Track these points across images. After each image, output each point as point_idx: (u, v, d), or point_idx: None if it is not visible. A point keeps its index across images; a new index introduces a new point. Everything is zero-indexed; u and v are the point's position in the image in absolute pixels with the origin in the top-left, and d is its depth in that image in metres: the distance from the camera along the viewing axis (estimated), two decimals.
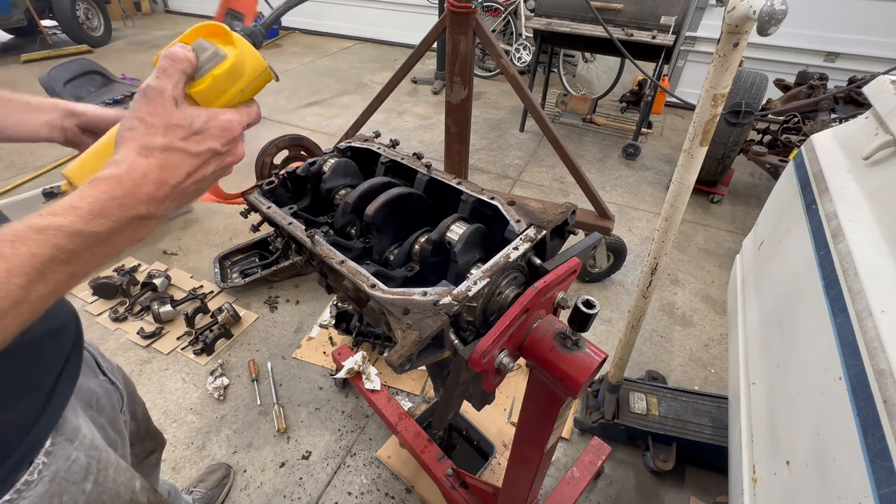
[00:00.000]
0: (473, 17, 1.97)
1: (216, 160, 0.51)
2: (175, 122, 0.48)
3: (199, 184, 0.51)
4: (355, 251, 0.85)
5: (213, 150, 0.50)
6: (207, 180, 0.52)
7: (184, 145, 0.48)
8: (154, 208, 0.46)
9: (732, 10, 0.84)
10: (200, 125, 0.49)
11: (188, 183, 0.49)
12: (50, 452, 0.55)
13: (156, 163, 0.46)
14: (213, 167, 0.51)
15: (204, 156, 0.50)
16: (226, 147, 0.52)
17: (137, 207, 0.45)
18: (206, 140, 0.50)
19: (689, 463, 1.72)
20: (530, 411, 0.84)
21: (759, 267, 1.36)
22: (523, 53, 5.12)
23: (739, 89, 2.87)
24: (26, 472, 0.52)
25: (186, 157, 0.48)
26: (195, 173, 0.49)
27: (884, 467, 0.60)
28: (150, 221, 0.47)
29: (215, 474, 1.61)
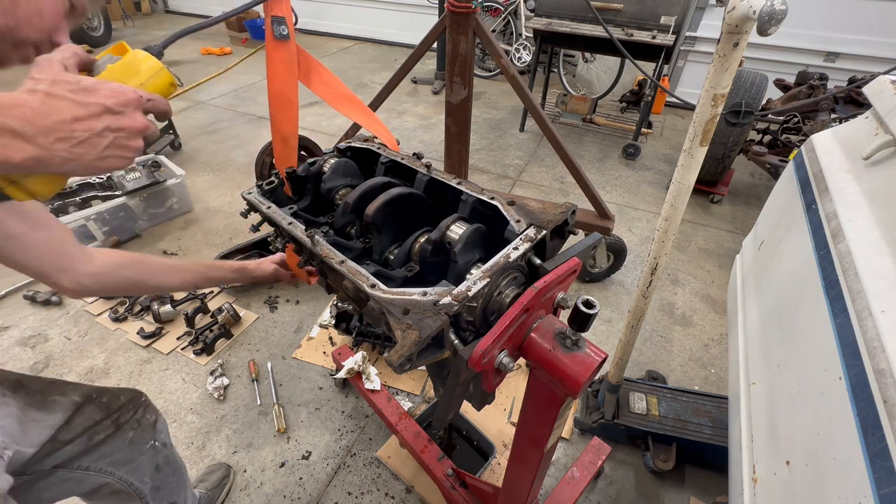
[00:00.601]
0: (473, 17, 1.97)
1: (109, 116, 0.53)
2: (62, 78, 0.52)
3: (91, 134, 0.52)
4: (355, 251, 0.85)
5: (104, 105, 0.53)
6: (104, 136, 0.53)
7: (70, 95, 0.51)
8: (31, 131, 0.48)
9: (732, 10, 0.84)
10: (89, 84, 0.53)
11: (78, 128, 0.51)
12: None
13: (38, 99, 0.49)
14: (105, 122, 0.53)
15: (93, 108, 0.52)
16: (119, 107, 0.54)
17: (10, 119, 0.47)
18: (94, 95, 0.52)
19: (689, 463, 1.72)
20: (530, 411, 0.84)
21: (759, 267, 1.36)
22: (523, 53, 5.12)
23: (739, 89, 2.87)
24: None
25: (73, 105, 0.51)
26: (84, 120, 0.51)
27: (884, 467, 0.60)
28: (25, 143, 0.48)
29: (215, 474, 1.62)
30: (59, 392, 0.93)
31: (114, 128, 0.54)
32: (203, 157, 3.73)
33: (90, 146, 0.53)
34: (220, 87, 5.04)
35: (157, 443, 1.13)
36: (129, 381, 1.98)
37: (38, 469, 0.88)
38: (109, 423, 1.00)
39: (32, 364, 2.01)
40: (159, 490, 1.15)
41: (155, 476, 1.13)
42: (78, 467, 0.94)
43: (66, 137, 0.51)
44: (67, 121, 0.50)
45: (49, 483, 0.90)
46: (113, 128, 0.54)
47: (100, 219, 2.58)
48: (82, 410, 0.94)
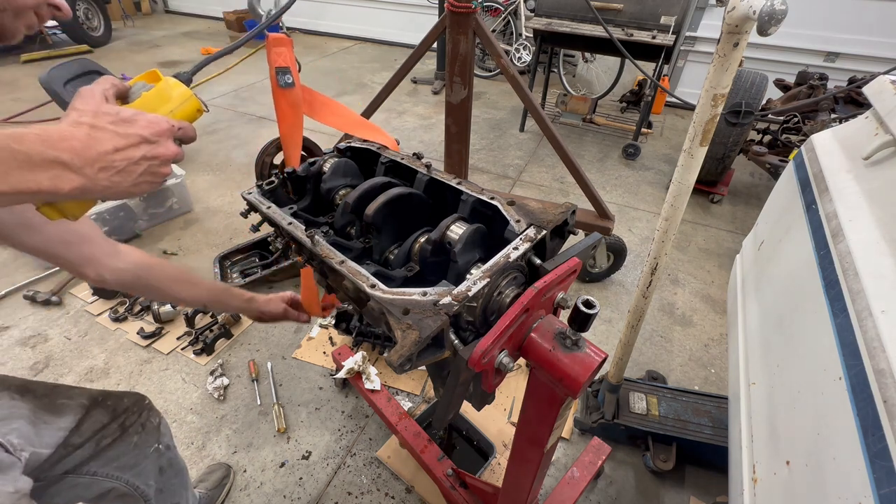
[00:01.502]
0: (473, 17, 1.97)
1: (146, 146, 0.58)
2: (103, 110, 0.56)
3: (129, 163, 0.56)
4: (355, 251, 0.85)
5: (142, 136, 0.57)
6: (140, 164, 0.58)
7: (112, 127, 0.55)
8: (79, 162, 0.52)
9: (732, 10, 0.84)
10: (128, 116, 0.57)
11: (117, 157, 0.55)
12: None
13: (83, 132, 0.54)
14: (142, 151, 0.57)
15: (132, 138, 0.56)
16: (154, 137, 0.59)
17: (60, 152, 0.50)
18: (133, 126, 0.57)
19: (689, 463, 1.72)
20: (530, 411, 0.84)
21: (759, 267, 1.36)
22: (523, 53, 5.12)
23: (739, 89, 2.87)
24: None
25: (113, 136, 0.55)
26: (123, 150, 0.56)
27: (884, 467, 0.60)
28: (73, 174, 0.52)
29: (215, 474, 1.62)
30: (66, 396, 0.94)
31: (149, 156, 0.58)
32: (203, 157, 3.73)
33: (127, 174, 0.57)
34: (220, 87, 5.04)
35: (161, 446, 1.14)
36: (129, 381, 1.98)
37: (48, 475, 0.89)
38: (116, 426, 1.01)
39: (32, 364, 2.01)
40: (162, 492, 1.16)
41: (159, 479, 1.14)
42: (86, 472, 0.96)
43: (108, 167, 0.55)
44: (109, 151, 0.55)
45: (59, 489, 0.90)
46: (148, 156, 0.58)
47: (100, 219, 2.58)
48: (90, 414, 0.96)
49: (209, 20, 7.81)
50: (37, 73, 3.39)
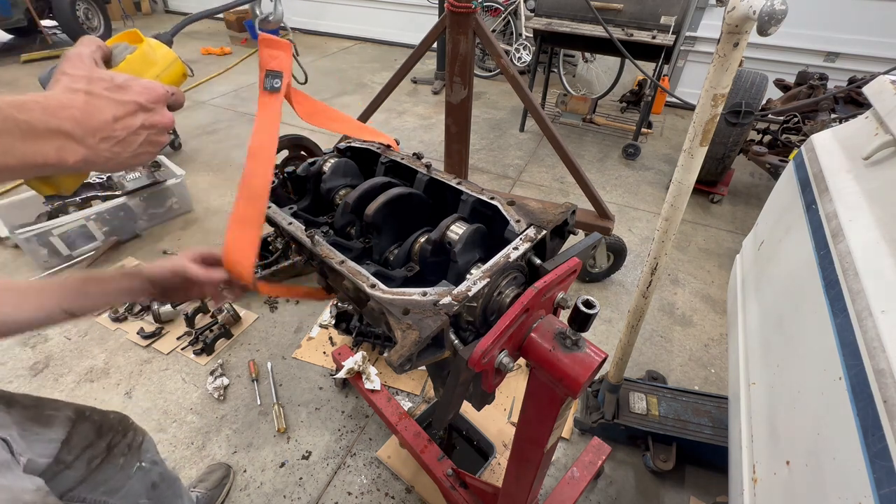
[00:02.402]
0: (473, 17, 1.97)
1: (143, 114, 0.55)
2: (96, 75, 0.53)
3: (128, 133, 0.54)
4: (355, 251, 0.85)
5: (139, 103, 0.55)
6: (139, 133, 0.55)
7: (107, 94, 0.53)
8: (81, 132, 0.50)
9: (732, 10, 0.84)
10: (122, 81, 0.54)
11: (117, 127, 0.53)
12: None
13: (81, 99, 0.51)
14: (140, 119, 0.55)
15: (129, 106, 0.54)
16: (151, 104, 0.56)
17: (62, 121, 0.48)
18: (129, 93, 0.54)
19: (689, 463, 1.72)
20: (530, 411, 0.84)
21: (759, 267, 1.36)
22: (523, 53, 5.12)
23: (739, 89, 2.87)
24: None
25: (111, 103, 0.52)
26: (122, 119, 0.53)
27: (884, 467, 0.60)
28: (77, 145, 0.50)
29: (215, 474, 1.62)
30: (52, 407, 0.90)
31: (147, 125, 0.56)
32: (203, 157, 3.73)
33: (127, 144, 0.55)
34: (220, 87, 5.04)
35: (145, 463, 1.11)
36: (130, 381, 1.98)
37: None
38: (103, 445, 0.98)
39: (32, 364, 2.01)
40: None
41: (152, 494, 1.12)
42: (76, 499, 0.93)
43: (109, 137, 0.52)
44: (109, 121, 0.52)
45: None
46: (147, 125, 0.56)
47: (100, 219, 2.58)
48: (77, 428, 0.92)
49: (209, 20, 7.81)
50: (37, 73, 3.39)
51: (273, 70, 0.78)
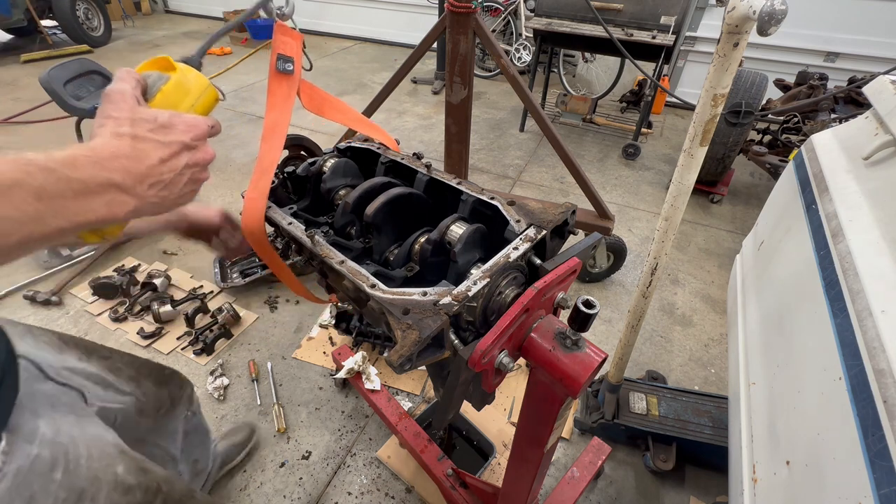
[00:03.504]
0: (473, 17, 1.97)
1: (187, 153, 0.55)
2: (140, 116, 0.52)
3: (175, 174, 0.53)
4: (355, 251, 0.85)
5: (183, 142, 0.54)
6: (183, 174, 0.55)
7: (152, 136, 0.52)
8: (131, 181, 0.49)
9: (732, 10, 0.84)
10: (165, 120, 0.54)
11: (165, 169, 0.52)
12: (7, 452, 0.58)
13: (128, 144, 0.50)
14: (185, 159, 0.54)
15: (174, 146, 0.53)
16: (195, 142, 0.55)
17: (112, 172, 0.47)
18: (173, 133, 0.54)
19: (689, 463, 1.72)
20: (530, 411, 0.84)
21: (759, 267, 1.36)
22: (523, 53, 5.12)
23: (739, 89, 2.87)
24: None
25: (157, 146, 0.52)
26: (168, 161, 0.53)
27: (884, 467, 0.60)
28: (127, 196, 0.49)
29: (240, 434, 1.69)
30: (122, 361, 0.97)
31: (191, 163, 0.55)
32: None
33: (173, 186, 0.54)
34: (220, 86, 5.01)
35: (190, 412, 1.23)
36: None
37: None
38: (165, 394, 1.08)
39: None
40: (184, 452, 1.25)
41: (184, 441, 1.23)
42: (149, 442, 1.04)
43: (157, 182, 0.52)
44: (156, 164, 0.51)
45: None
46: (191, 163, 0.55)
47: None
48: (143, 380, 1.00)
49: (209, 20, 7.80)
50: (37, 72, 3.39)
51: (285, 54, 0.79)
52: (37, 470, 0.60)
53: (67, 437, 0.67)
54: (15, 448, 0.59)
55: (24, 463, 0.59)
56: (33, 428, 0.63)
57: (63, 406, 0.74)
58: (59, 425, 0.67)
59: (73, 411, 0.75)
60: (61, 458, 0.64)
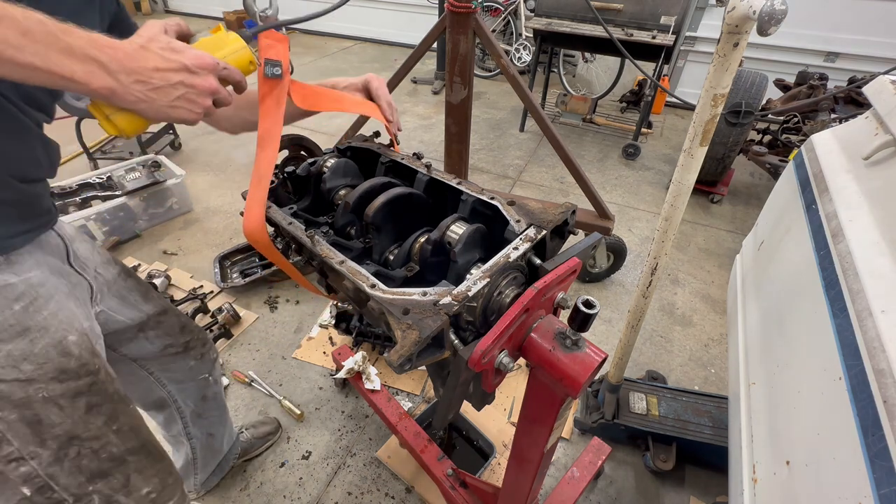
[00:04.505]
0: (473, 17, 1.97)
1: (185, 73, 0.63)
2: (158, 38, 0.62)
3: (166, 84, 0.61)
4: (355, 251, 0.85)
5: (184, 64, 0.62)
6: (176, 87, 0.62)
7: (159, 51, 0.61)
8: (116, 67, 0.57)
9: (732, 10, 0.84)
10: (178, 46, 0.63)
11: (156, 76, 0.60)
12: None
13: (133, 47, 0.60)
14: (181, 77, 0.62)
15: (173, 63, 0.61)
16: (196, 68, 0.63)
17: (101, 53, 0.56)
18: (179, 56, 0.62)
19: (689, 463, 1.72)
20: (530, 411, 0.84)
21: (759, 267, 1.36)
22: (523, 53, 5.12)
23: (739, 89, 2.87)
24: None
25: (158, 57, 0.61)
26: (162, 72, 0.61)
27: (884, 467, 0.60)
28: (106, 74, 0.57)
29: (265, 427, 1.73)
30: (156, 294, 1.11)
31: (187, 83, 0.63)
32: (203, 157, 3.73)
33: (163, 93, 0.61)
34: None
35: (212, 378, 1.31)
36: None
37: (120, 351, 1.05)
38: (182, 341, 1.16)
39: None
40: (200, 418, 1.32)
41: (200, 404, 1.30)
42: (145, 368, 1.13)
43: (144, 81, 0.60)
44: (149, 68, 0.60)
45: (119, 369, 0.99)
46: (187, 83, 0.63)
47: (100, 219, 2.58)
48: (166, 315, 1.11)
49: (209, 20, 7.80)
50: None
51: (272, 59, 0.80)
52: (3, 292, 0.68)
53: (45, 292, 0.74)
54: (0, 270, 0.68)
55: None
56: (26, 269, 0.72)
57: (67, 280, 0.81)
58: (47, 281, 0.75)
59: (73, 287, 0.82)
60: (28, 297, 0.71)
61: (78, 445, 0.76)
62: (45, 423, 0.71)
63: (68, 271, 0.83)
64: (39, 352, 0.71)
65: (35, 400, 0.70)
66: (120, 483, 0.83)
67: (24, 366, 0.69)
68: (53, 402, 0.72)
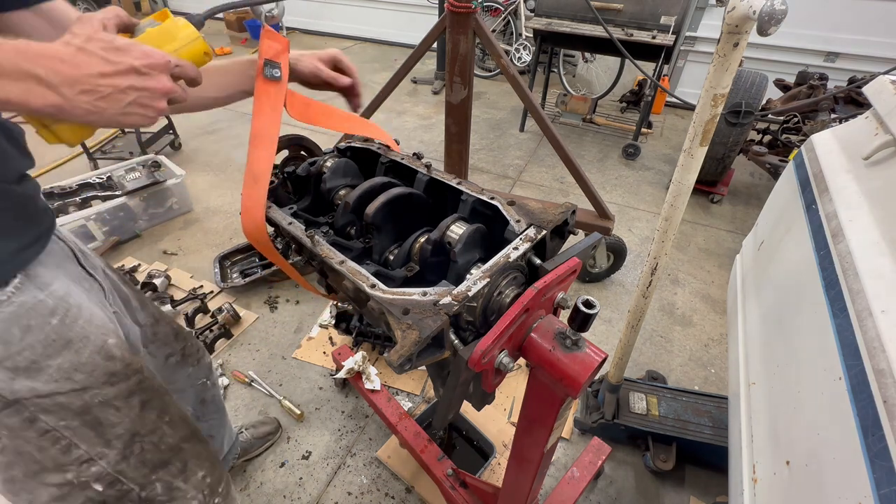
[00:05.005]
0: (473, 17, 1.97)
1: (135, 76, 0.56)
2: (97, 36, 0.54)
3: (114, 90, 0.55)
4: (355, 251, 0.85)
5: (132, 66, 0.55)
6: (126, 93, 0.56)
7: (102, 52, 0.54)
8: (57, 80, 0.50)
9: (732, 10, 0.84)
10: (122, 44, 0.55)
11: (103, 83, 0.54)
12: (19, 288, 0.66)
13: (70, 51, 0.52)
14: (130, 80, 0.56)
15: (121, 66, 0.55)
16: (146, 69, 0.57)
17: (36, 66, 0.49)
18: (125, 55, 0.55)
19: (689, 463, 1.72)
20: (530, 411, 0.84)
21: (759, 267, 1.36)
22: (523, 53, 5.12)
23: (739, 89, 2.87)
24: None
25: (102, 60, 0.54)
26: (110, 77, 0.54)
27: (884, 467, 0.60)
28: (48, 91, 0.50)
29: (265, 427, 1.73)
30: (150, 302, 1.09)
31: (138, 87, 0.57)
32: (203, 157, 3.73)
33: (113, 101, 0.55)
34: None
35: (209, 382, 1.30)
36: None
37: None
38: (179, 348, 1.15)
39: None
40: (199, 421, 1.30)
41: (198, 407, 1.29)
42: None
43: (91, 90, 0.53)
44: (94, 75, 0.53)
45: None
46: (137, 87, 0.56)
47: (100, 219, 2.58)
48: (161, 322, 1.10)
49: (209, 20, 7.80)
50: None
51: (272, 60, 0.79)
52: (37, 310, 0.67)
53: (74, 301, 0.73)
54: (25, 288, 0.67)
55: (29, 300, 0.66)
56: (47, 281, 0.70)
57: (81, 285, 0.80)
58: (70, 290, 0.74)
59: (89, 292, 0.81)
60: (61, 310, 0.70)
61: (140, 441, 0.80)
62: (105, 424, 0.75)
63: (82, 275, 0.82)
64: (87, 360, 0.72)
65: (93, 405, 0.73)
66: (178, 469, 0.87)
67: (77, 376, 0.71)
68: (109, 404, 0.75)
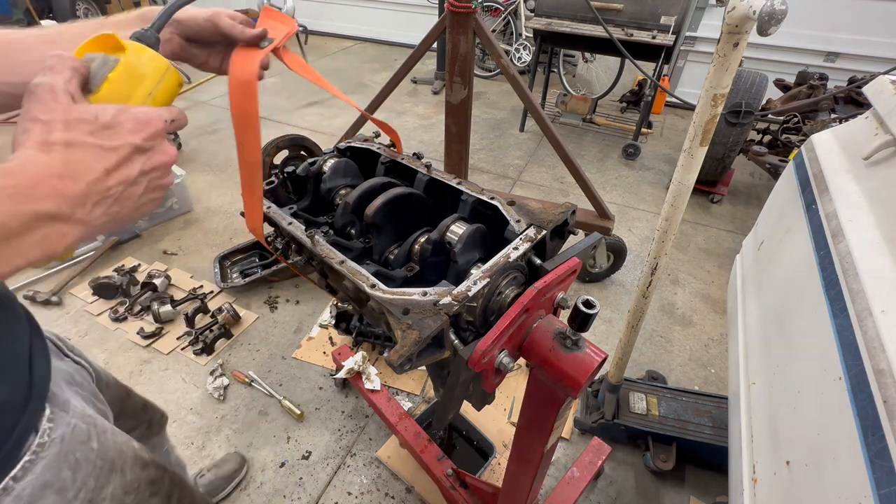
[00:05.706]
0: (473, 17, 1.97)
1: (140, 157, 0.45)
2: (75, 116, 0.42)
3: (128, 186, 0.45)
4: (355, 251, 0.85)
5: (133, 144, 0.44)
6: (139, 183, 0.46)
7: (93, 140, 0.42)
8: (67, 207, 0.40)
9: (732, 10, 0.84)
10: (109, 119, 0.43)
11: (112, 182, 0.43)
12: (52, 419, 0.58)
13: (59, 157, 0.40)
14: (138, 166, 0.45)
15: (122, 151, 0.44)
16: (148, 142, 0.46)
17: (40, 202, 0.38)
18: (120, 134, 0.43)
19: (689, 463, 1.72)
20: (530, 411, 0.84)
21: (759, 267, 1.36)
22: (523, 53, 5.12)
23: (739, 89, 2.87)
24: (37, 437, 0.55)
25: (99, 153, 0.42)
26: (116, 171, 0.43)
27: (884, 467, 0.60)
28: (65, 225, 0.40)
29: (228, 465, 1.64)
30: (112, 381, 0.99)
31: (147, 169, 0.46)
32: (203, 157, 3.73)
33: (126, 200, 0.45)
34: (220, 86, 5.03)
35: (167, 448, 1.26)
36: (130, 381, 1.97)
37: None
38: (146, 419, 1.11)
39: None
40: None
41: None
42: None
43: (102, 199, 0.43)
44: (101, 177, 0.42)
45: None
46: (146, 169, 0.46)
47: None
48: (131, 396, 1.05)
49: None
50: None
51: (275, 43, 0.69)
52: (77, 438, 0.60)
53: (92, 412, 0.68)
54: (56, 417, 0.58)
55: (67, 431, 0.58)
56: (65, 399, 0.62)
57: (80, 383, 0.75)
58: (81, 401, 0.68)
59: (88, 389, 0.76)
60: (93, 430, 0.64)
61: None
62: None
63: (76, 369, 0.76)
64: (131, 478, 0.68)
65: None
66: None
67: (128, 499, 0.67)
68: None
